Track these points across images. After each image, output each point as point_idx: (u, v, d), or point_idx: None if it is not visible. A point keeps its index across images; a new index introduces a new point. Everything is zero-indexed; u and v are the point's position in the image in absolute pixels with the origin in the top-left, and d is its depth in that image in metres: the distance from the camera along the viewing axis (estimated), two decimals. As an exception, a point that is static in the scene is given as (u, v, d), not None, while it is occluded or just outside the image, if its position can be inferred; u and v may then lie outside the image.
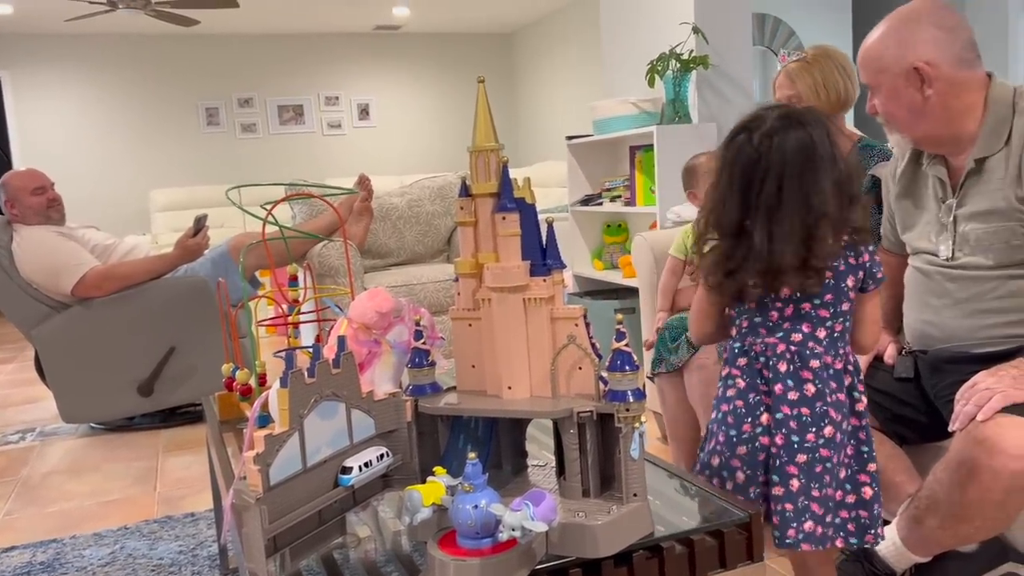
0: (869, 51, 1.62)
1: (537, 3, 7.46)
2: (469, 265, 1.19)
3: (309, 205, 3.77)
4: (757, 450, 1.36)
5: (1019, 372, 1.42)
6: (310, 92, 8.32)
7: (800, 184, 1.30)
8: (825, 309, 1.36)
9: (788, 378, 1.35)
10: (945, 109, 1.56)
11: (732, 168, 1.35)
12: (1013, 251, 1.53)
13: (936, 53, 1.54)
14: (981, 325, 1.57)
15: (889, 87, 1.59)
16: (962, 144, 1.60)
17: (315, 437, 1.07)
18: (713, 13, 3.72)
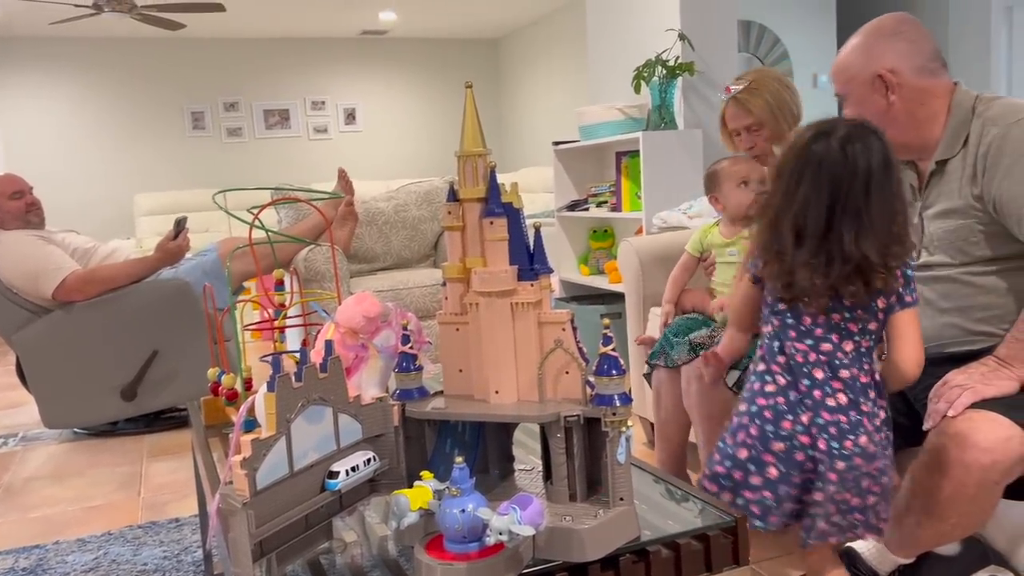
0: (840, 63, 1.71)
1: (523, 9, 7.49)
2: (456, 269, 1.20)
3: (295, 210, 3.76)
4: (795, 448, 1.38)
5: (988, 369, 1.45)
6: (296, 96, 8.30)
7: (884, 187, 1.36)
8: (855, 323, 1.40)
9: (825, 384, 1.39)
10: (910, 115, 1.63)
11: (818, 172, 1.37)
12: (971, 247, 1.58)
13: (899, 62, 1.62)
14: (950, 324, 1.61)
15: (857, 95, 1.66)
16: (929, 150, 1.66)
17: (302, 441, 1.07)
18: (699, 20, 3.74)
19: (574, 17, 6.80)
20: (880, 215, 1.35)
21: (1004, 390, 1.41)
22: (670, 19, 3.75)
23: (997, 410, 1.38)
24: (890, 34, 1.65)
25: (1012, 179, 1.50)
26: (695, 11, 3.74)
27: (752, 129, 2.11)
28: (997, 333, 1.54)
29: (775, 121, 2.09)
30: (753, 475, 1.39)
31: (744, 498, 1.42)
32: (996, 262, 1.57)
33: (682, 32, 3.66)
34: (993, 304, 1.57)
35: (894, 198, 1.37)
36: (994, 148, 1.53)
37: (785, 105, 2.11)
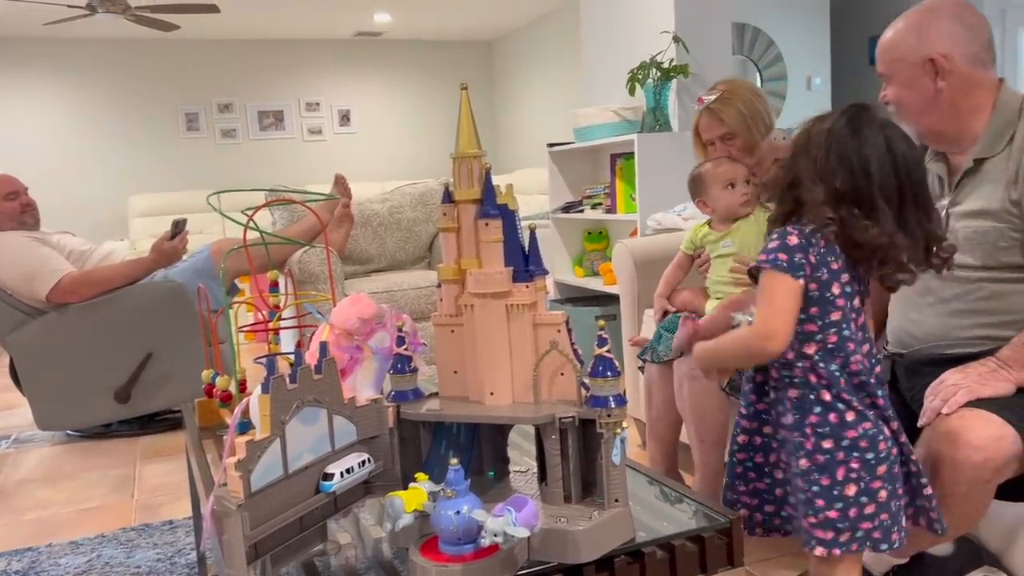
0: (889, 41, 1.65)
1: (518, 11, 7.49)
2: (452, 271, 1.20)
3: (290, 211, 3.75)
4: (894, 462, 1.32)
5: (986, 370, 1.45)
6: (290, 98, 8.29)
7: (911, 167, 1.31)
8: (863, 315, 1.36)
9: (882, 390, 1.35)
10: (953, 105, 1.59)
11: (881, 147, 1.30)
12: (999, 252, 1.55)
13: (952, 48, 1.57)
14: (959, 325, 1.59)
15: (904, 76, 1.61)
16: (964, 143, 1.62)
17: (297, 443, 1.07)
18: (693, 23, 3.75)
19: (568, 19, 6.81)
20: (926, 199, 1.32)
21: (999, 392, 1.42)
22: (664, 21, 3.76)
23: (990, 409, 1.38)
24: (948, 16, 1.59)
25: None
26: (689, 13, 3.75)
27: (726, 139, 2.10)
28: (1005, 339, 1.51)
29: (747, 131, 2.09)
30: (867, 505, 1.30)
31: (862, 530, 1.31)
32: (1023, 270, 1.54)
33: (676, 34, 3.67)
34: (1011, 311, 1.54)
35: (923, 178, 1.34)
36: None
37: (757, 114, 2.11)
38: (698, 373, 1.97)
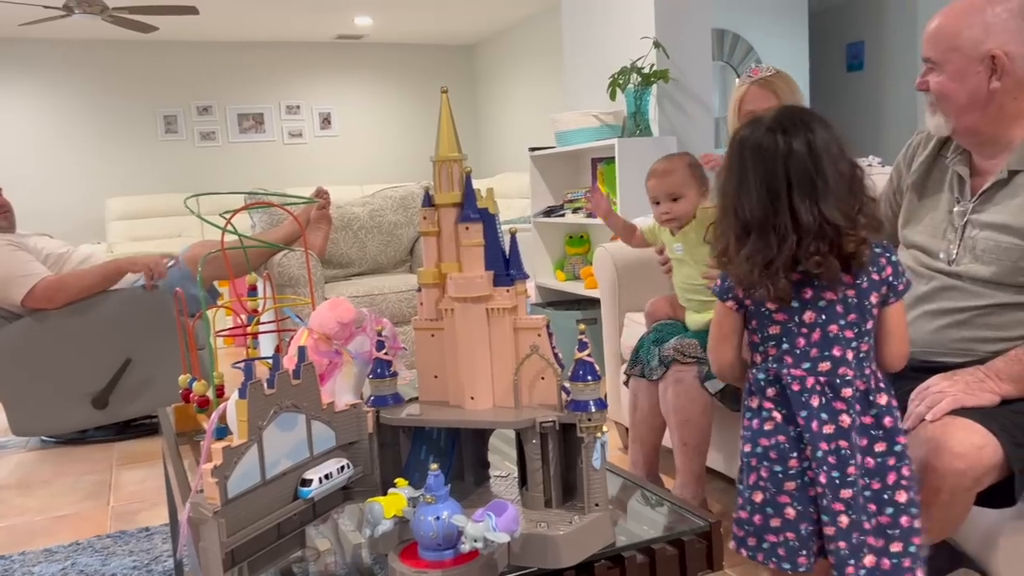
0: (946, 26, 1.53)
1: (499, 15, 7.50)
2: (432, 275, 1.19)
3: (269, 214, 3.73)
4: (807, 485, 1.31)
5: (973, 379, 1.45)
6: (271, 100, 8.25)
7: (837, 161, 1.30)
8: (850, 329, 1.33)
9: (822, 411, 1.31)
10: (1000, 107, 1.51)
11: (747, 158, 1.33)
12: (1017, 272, 1.50)
13: (1017, 47, 1.48)
14: (958, 337, 1.57)
15: (957, 67, 1.51)
16: (997, 148, 1.56)
17: (274, 449, 1.06)
18: (673, 28, 3.77)
19: (550, 23, 6.82)
20: (836, 182, 1.29)
21: (984, 402, 1.41)
22: (645, 27, 3.77)
23: (973, 418, 1.38)
24: (1019, 13, 1.48)
25: None
26: (670, 19, 3.77)
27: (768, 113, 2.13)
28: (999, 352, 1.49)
29: None
30: (772, 517, 1.32)
31: (768, 542, 1.33)
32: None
33: (657, 40, 3.68)
34: (1011, 326, 1.51)
35: (850, 174, 1.31)
36: None
37: (800, 100, 2.14)
38: (683, 377, 1.99)
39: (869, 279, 1.33)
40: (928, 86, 1.57)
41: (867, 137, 6.49)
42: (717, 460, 2.26)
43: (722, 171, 1.38)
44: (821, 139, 1.31)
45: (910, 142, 1.78)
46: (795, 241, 1.29)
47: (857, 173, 1.33)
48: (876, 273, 1.34)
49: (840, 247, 1.29)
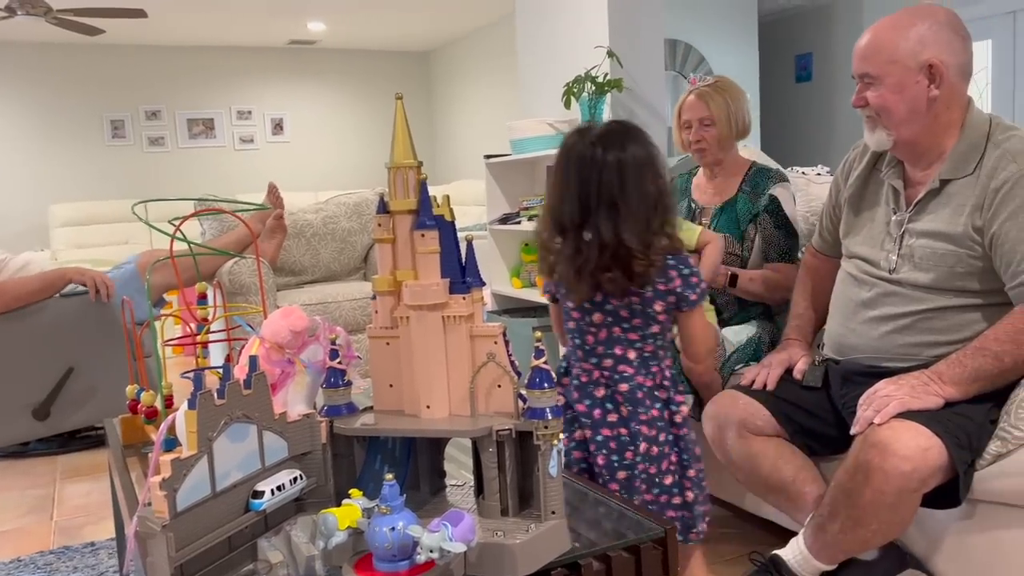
0: (881, 40, 1.57)
1: (454, 23, 7.50)
2: (387, 283, 1.18)
3: (219, 221, 3.67)
4: (571, 463, 1.51)
5: (919, 383, 1.48)
6: (221, 105, 8.12)
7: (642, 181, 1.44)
8: (634, 332, 1.51)
9: (606, 401, 1.50)
10: (936, 116, 1.56)
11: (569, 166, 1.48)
12: (954, 277, 1.55)
13: (950, 56, 1.53)
14: (902, 342, 1.61)
15: (896, 79, 1.55)
16: (930, 158, 1.60)
17: (225, 461, 1.04)
18: (627, 37, 3.80)
19: (505, 31, 6.84)
20: (638, 206, 1.43)
21: (929, 405, 1.45)
22: (599, 36, 3.80)
23: (919, 421, 1.41)
24: (946, 25, 1.54)
25: (1015, 222, 1.47)
26: (623, 29, 3.80)
27: (704, 123, 2.17)
28: (942, 356, 1.54)
29: (727, 123, 2.15)
30: None
31: None
32: (976, 295, 1.55)
33: (610, 49, 3.71)
34: (952, 330, 1.56)
35: (657, 194, 1.45)
36: (1008, 186, 1.48)
37: (740, 112, 2.18)
38: None
39: (655, 290, 1.49)
40: (866, 102, 1.60)
41: (816, 147, 6.63)
42: (671, 466, 2.28)
43: (552, 172, 1.51)
44: (632, 158, 1.45)
45: (847, 157, 1.83)
46: (595, 255, 1.44)
47: (664, 196, 1.47)
48: (663, 284, 1.49)
49: (630, 266, 1.44)
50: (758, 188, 2.15)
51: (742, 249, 2.14)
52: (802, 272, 1.95)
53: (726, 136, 2.16)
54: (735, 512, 2.18)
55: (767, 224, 2.11)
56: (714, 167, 2.23)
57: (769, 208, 2.11)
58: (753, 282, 2.11)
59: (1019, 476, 1.43)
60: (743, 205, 2.15)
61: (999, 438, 1.45)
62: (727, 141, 2.17)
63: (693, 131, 2.19)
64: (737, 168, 2.21)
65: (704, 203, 2.25)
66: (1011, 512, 1.47)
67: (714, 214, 2.20)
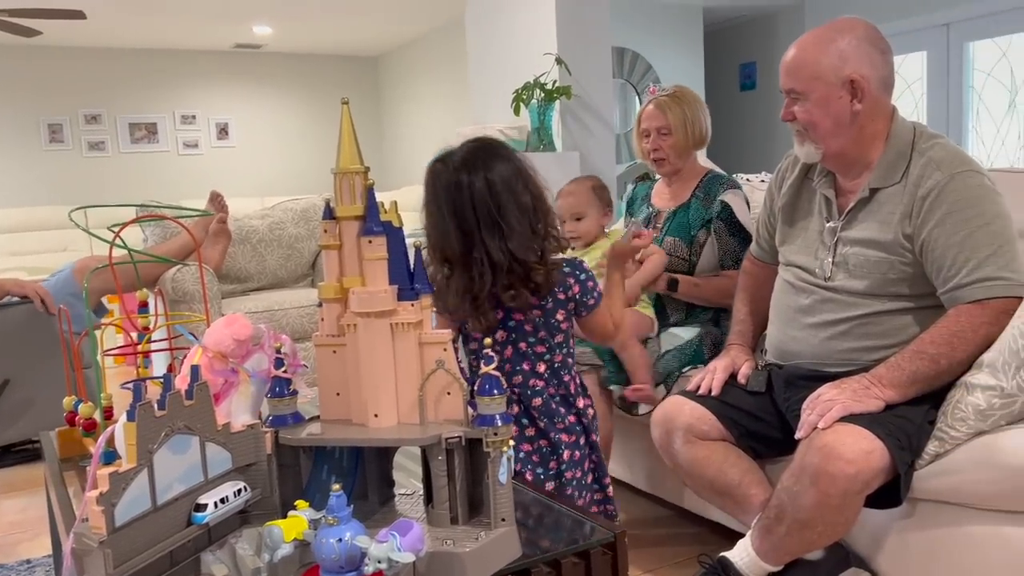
0: (804, 57, 1.61)
1: (403, 28, 7.47)
2: (334, 290, 1.16)
3: (162, 227, 3.58)
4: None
5: (860, 386, 1.52)
6: (164, 110, 7.95)
7: (515, 195, 1.46)
8: (541, 345, 1.53)
9: (522, 417, 1.52)
10: (861, 128, 1.61)
11: (441, 198, 1.47)
12: (888, 283, 1.59)
13: (871, 70, 1.58)
14: (842, 348, 1.64)
15: (821, 95, 1.59)
16: (858, 168, 1.65)
17: (166, 473, 1.01)
18: (575, 45, 3.83)
19: (455, 37, 6.84)
20: (519, 220, 1.45)
21: (870, 408, 1.48)
22: (547, 43, 3.82)
23: (861, 424, 1.45)
24: (866, 39, 1.59)
25: (943, 229, 1.51)
26: (571, 37, 3.84)
27: (662, 132, 2.19)
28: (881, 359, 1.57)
29: (684, 133, 2.18)
30: None
31: None
32: (909, 299, 1.59)
33: (559, 56, 3.73)
34: (888, 334, 1.60)
35: (533, 202, 1.48)
36: (935, 193, 1.53)
37: (698, 123, 2.20)
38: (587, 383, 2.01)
39: (555, 299, 1.51)
40: (794, 116, 1.64)
41: (759, 154, 6.76)
42: (620, 470, 2.29)
43: (425, 206, 1.51)
44: (500, 176, 1.46)
45: (779, 167, 1.87)
46: (491, 277, 1.43)
47: (539, 200, 1.50)
48: (562, 292, 1.51)
49: (530, 278, 1.45)
50: (711, 194, 2.18)
51: (690, 254, 2.17)
52: (742, 278, 1.99)
53: (683, 145, 2.19)
54: (683, 514, 2.21)
55: (722, 231, 2.14)
56: (671, 176, 2.26)
57: (722, 215, 2.14)
58: (699, 288, 2.14)
59: (956, 475, 1.47)
60: (695, 211, 2.18)
61: (937, 438, 1.49)
62: (684, 150, 2.20)
63: (651, 140, 2.21)
64: (694, 175, 2.24)
65: (660, 207, 2.28)
66: (948, 510, 1.51)
67: (667, 218, 2.23)
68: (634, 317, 2.07)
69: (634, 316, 2.08)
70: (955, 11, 5.66)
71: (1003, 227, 1.51)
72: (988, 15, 5.54)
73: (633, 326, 2.04)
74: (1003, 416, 1.44)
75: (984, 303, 1.48)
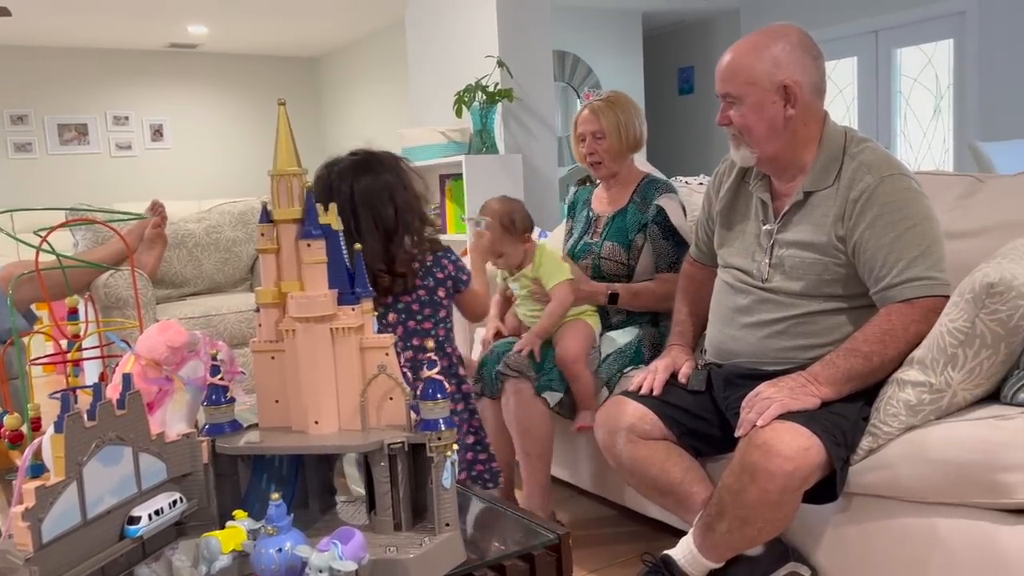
0: (739, 62, 1.63)
1: (343, 29, 7.39)
2: (271, 294, 1.14)
3: (95, 231, 3.47)
4: None
5: (796, 384, 1.55)
6: (96, 110, 7.72)
7: (373, 206, 1.68)
8: (428, 321, 1.76)
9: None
10: (794, 133, 1.64)
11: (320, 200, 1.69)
12: (822, 284, 1.63)
13: (804, 76, 1.62)
14: (779, 347, 1.68)
15: (755, 100, 1.62)
16: (793, 172, 1.68)
17: (97, 486, 0.98)
18: (516, 48, 3.84)
19: (396, 38, 6.80)
20: (372, 233, 1.67)
21: (807, 405, 1.52)
22: (489, 46, 3.82)
23: (799, 422, 1.48)
24: (798, 45, 1.62)
25: (874, 231, 1.55)
26: (512, 39, 3.84)
27: (596, 136, 2.22)
28: (817, 357, 1.60)
29: (617, 137, 2.20)
30: None
31: None
32: (843, 299, 1.63)
33: (500, 59, 3.74)
34: (823, 333, 1.64)
35: (395, 216, 1.70)
36: (865, 196, 1.57)
37: (631, 127, 2.23)
38: (521, 388, 2.02)
39: (435, 279, 1.77)
40: (730, 120, 1.68)
41: (698, 157, 6.88)
42: (563, 471, 2.30)
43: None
44: (364, 188, 1.68)
45: (716, 170, 1.91)
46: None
47: (406, 212, 1.71)
48: (440, 272, 1.78)
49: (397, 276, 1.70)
50: (647, 198, 2.20)
51: (628, 258, 2.19)
52: (682, 280, 2.02)
53: (616, 149, 2.21)
54: (627, 513, 2.23)
55: (656, 235, 2.17)
56: (609, 179, 2.28)
57: (657, 219, 2.17)
58: (638, 297, 2.16)
59: (889, 469, 1.51)
60: (632, 215, 2.21)
61: (870, 434, 1.53)
62: (618, 154, 2.22)
63: (587, 144, 2.24)
64: (631, 179, 2.27)
65: (600, 212, 2.30)
66: (882, 503, 1.55)
67: (606, 223, 2.25)
68: (583, 330, 2.09)
69: (584, 329, 2.09)
70: (883, 18, 5.84)
71: (930, 228, 1.57)
72: (914, 23, 5.73)
73: (582, 342, 2.06)
74: (932, 411, 1.48)
75: (913, 302, 1.53)
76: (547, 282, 2.09)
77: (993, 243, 1.66)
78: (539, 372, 2.03)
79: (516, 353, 2.04)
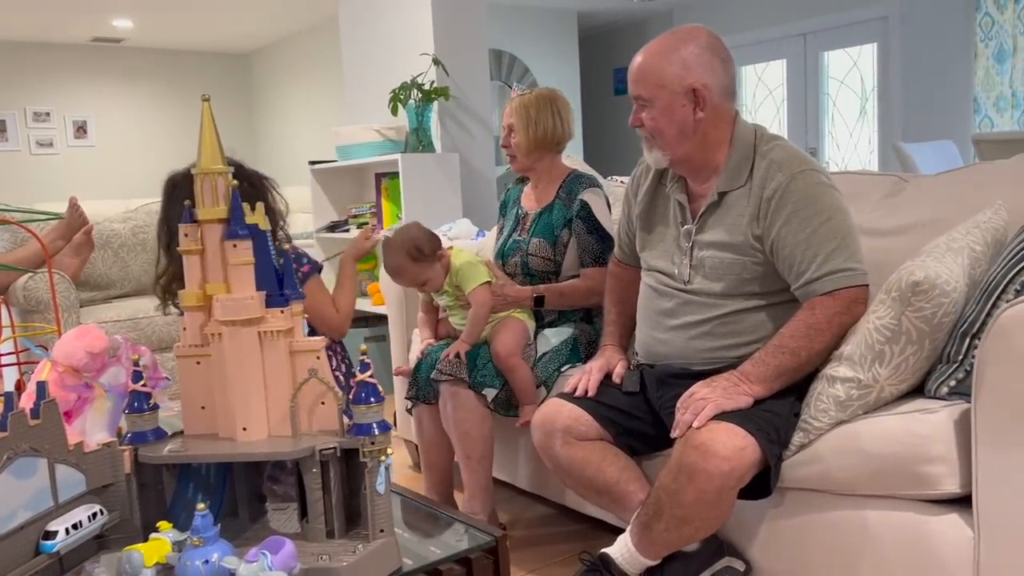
0: (649, 65, 1.64)
1: (274, 25, 7.25)
2: (196, 297, 1.10)
3: (12, 232, 3.33)
4: None
5: (729, 384, 1.57)
6: (14, 106, 7.41)
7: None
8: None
9: None
10: (704, 135, 1.66)
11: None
12: (743, 283, 1.66)
13: (713, 79, 1.63)
14: (706, 347, 1.70)
15: (664, 103, 1.63)
16: (707, 173, 1.70)
17: (8, 500, 0.93)
18: (452, 46, 3.82)
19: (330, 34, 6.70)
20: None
21: (741, 404, 1.54)
22: (424, 44, 3.79)
23: (734, 421, 1.50)
24: (707, 48, 1.63)
25: (790, 227, 1.58)
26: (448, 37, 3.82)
27: (511, 130, 2.24)
28: (746, 356, 1.63)
29: (525, 132, 2.22)
30: None
31: None
32: (764, 296, 1.65)
33: (436, 57, 3.71)
34: (748, 331, 1.66)
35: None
36: (779, 194, 1.59)
37: (542, 123, 2.23)
38: (458, 390, 2.00)
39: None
40: (642, 123, 1.69)
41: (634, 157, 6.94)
42: (502, 472, 2.29)
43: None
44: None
45: (633, 173, 1.93)
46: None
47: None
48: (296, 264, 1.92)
49: None
50: (572, 194, 2.21)
51: (555, 254, 2.20)
52: (609, 280, 2.03)
53: (525, 144, 2.23)
54: (565, 512, 2.23)
55: (581, 230, 2.18)
56: (529, 173, 2.29)
57: (581, 214, 2.17)
58: (565, 296, 2.17)
59: (820, 463, 1.54)
60: (558, 211, 2.21)
61: (802, 429, 1.56)
62: (529, 149, 2.23)
63: (504, 136, 2.27)
64: (557, 175, 2.27)
65: (528, 209, 2.30)
66: (814, 497, 1.58)
67: (533, 219, 2.26)
68: (516, 326, 2.09)
69: (517, 324, 2.09)
70: (811, 22, 5.99)
71: (843, 220, 1.61)
72: (840, 27, 5.90)
73: (516, 335, 2.06)
74: (861, 406, 1.52)
75: (835, 294, 1.56)
76: (465, 288, 2.09)
77: (917, 241, 1.70)
78: (473, 370, 2.02)
79: (446, 359, 2.03)
